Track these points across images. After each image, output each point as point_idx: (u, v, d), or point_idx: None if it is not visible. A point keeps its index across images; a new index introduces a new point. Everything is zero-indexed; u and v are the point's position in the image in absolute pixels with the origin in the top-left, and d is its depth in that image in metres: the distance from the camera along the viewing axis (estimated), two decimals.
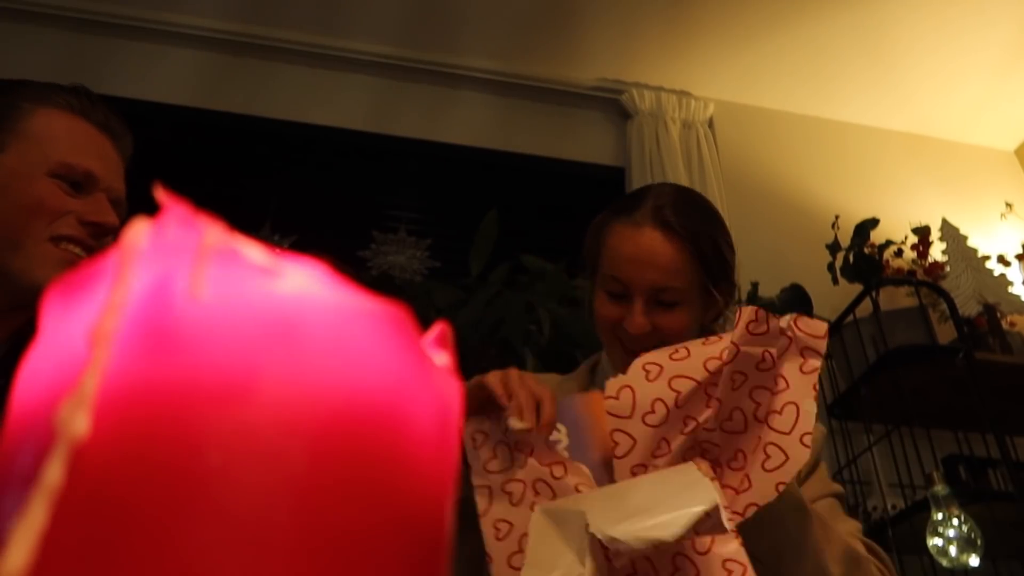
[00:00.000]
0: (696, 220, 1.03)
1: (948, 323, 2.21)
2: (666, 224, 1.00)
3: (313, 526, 0.18)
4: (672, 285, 0.99)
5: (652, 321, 1.00)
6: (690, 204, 1.06)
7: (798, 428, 0.79)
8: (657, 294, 1.00)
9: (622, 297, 1.02)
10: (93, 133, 0.98)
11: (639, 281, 1.00)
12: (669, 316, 1.01)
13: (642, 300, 1.00)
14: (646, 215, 1.02)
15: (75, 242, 0.93)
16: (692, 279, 1.01)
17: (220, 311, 0.20)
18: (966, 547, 1.75)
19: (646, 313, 1.00)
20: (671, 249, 0.99)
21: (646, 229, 1.01)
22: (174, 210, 0.20)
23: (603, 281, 1.04)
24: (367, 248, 2.51)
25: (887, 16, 2.67)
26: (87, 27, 2.63)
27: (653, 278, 0.99)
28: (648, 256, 1.00)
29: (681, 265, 1.00)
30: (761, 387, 0.82)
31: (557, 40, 2.81)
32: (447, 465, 0.23)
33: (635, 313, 1.00)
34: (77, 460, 0.17)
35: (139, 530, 0.17)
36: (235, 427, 0.18)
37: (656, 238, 1.00)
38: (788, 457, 0.77)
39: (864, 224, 2.41)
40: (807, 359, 0.83)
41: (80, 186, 0.95)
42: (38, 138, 0.93)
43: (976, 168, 3.06)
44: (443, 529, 0.22)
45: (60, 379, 0.19)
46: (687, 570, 0.75)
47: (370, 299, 0.22)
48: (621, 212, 1.05)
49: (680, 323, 1.01)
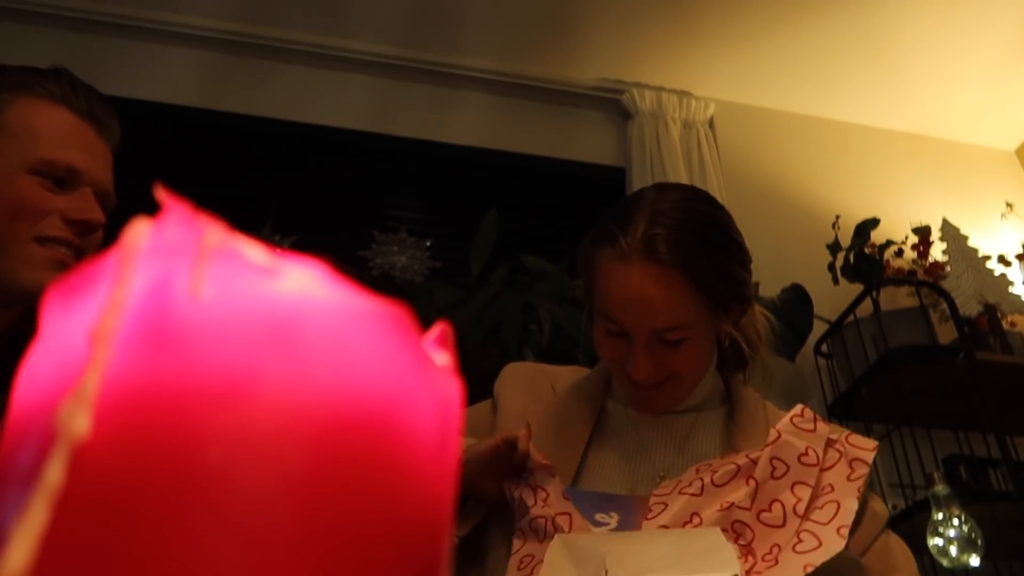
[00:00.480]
0: (694, 245, 0.90)
1: (949, 323, 2.21)
2: (659, 259, 0.88)
3: (313, 527, 0.18)
4: (674, 324, 0.89)
5: (658, 362, 0.92)
6: (690, 223, 0.92)
7: (836, 520, 0.77)
8: (659, 335, 0.90)
9: (621, 336, 0.93)
10: (75, 123, 0.94)
11: (636, 327, 0.90)
12: (676, 354, 0.92)
13: (643, 343, 0.90)
14: (635, 248, 0.89)
15: (61, 243, 0.90)
16: (696, 312, 0.90)
17: (220, 311, 0.20)
18: (967, 547, 1.75)
19: (650, 356, 0.91)
20: (667, 288, 0.88)
21: (636, 268, 0.89)
22: (174, 210, 0.20)
23: (599, 319, 0.95)
24: (368, 248, 2.51)
25: (887, 16, 2.67)
26: (87, 27, 2.63)
27: (651, 322, 0.89)
28: (643, 298, 0.88)
29: (681, 302, 0.89)
30: (803, 483, 0.80)
31: (558, 40, 2.81)
32: (447, 466, 0.23)
33: (638, 359, 0.91)
34: (77, 460, 0.17)
35: (139, 531, 0.17)
36: (235, 427, 0.18)
37: (649, 276, 0.88)
38: (821, 544, 0.75)
39: (865, 224, 2.41)
40: (855, 469, 0.82)
41: (63, 182, 0.91)
42: (17, 133, 0.90)
43: (977, 168, 3.06)
44: (444, 530, 0.22)
45: (60, 379, 0.19)
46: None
47: (371, 299, 0.22)
48: (609, 239, 0.93)
49: (689, 359, 0.93)
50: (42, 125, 0.91)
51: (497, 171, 2.79)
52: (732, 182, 2.75)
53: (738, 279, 0.95)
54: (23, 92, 0.92)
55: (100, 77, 2.48)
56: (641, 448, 0.98)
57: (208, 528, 0.17)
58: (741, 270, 0.96)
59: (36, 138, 0.90)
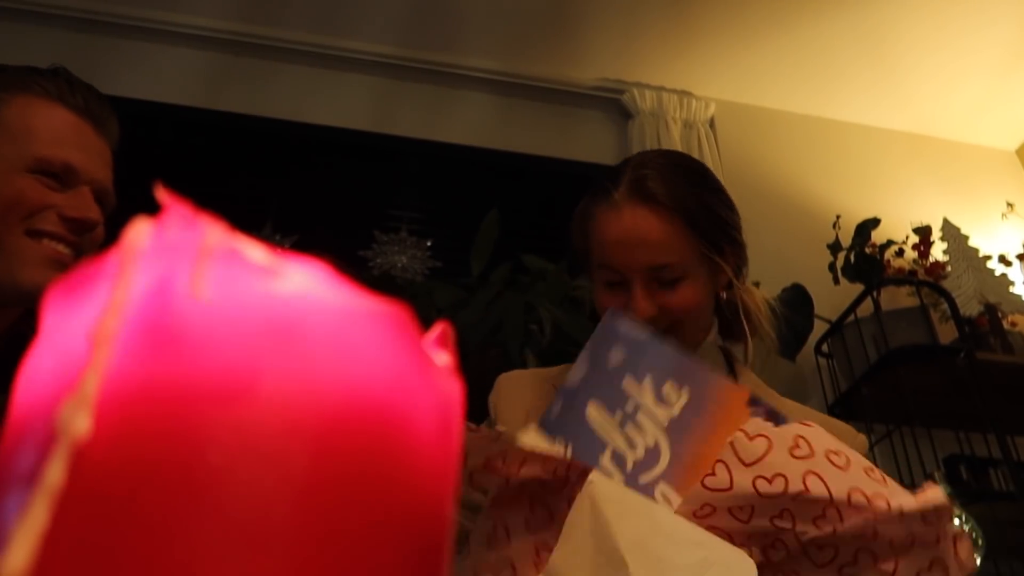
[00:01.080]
0: (681, 185, 0.95)
1: (949, 323, 2.21)
2: (648, 197, 0.93)
3: (314, 526, 0.18)
4: (668, 262, 0.93)
5: (657, 303, 0.94)
6: (673, 168, 0.98)
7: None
8: (655, 273, 0.93)
9: (620, 284, 0.96)
10: (73, 121, 0.94)
11: (632, 264, 0.93)
12: (674, 294, 0.94)
13: (641, 283, 0.94)
14: (624, 192, 0.95)
15: (55, 238, 0.89)
16: (689, 250, 0.94)
17: (221, 311, 0.20)
18: None
19: (649, 296, 0.93)
20: (658, 223, 0.92)
21: (627, 208, 0.94)
22: (175, 210, 0.20)
23: (598, 272, 0.98)
24: (368, 248, 2.51)
25: (888, 16, 2.67)
26: (88, 26, 2.63)
27: (646, 258, 0.93)
28: (635, 236, 0.93)
29: (672, 238, 0.93)
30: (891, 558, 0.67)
31: (558, 40, 2.81)
32: (448, 464, 0.23)
33: (637, 299, 0.93)
34: (78, 460, 0.17)
35: (140, 530, 0.17)
36: (236, 427, 0.18)
37: (639, 215, 0.93)
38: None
39: (865, 224, 2.41)
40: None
41: (61, 180, 0.91)
42: (14, 131, 0.90)
43: (977, 168, 3.06)
44: (444, 528, 0.22)
45: (61, 379, 0.19)
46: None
47: (371, 299, 0.22)
48: (599, 194, 0.98)
49: (688, 299, 0.94)
50: (39, 123, 0.91)
51: (498, 171, 2.79)
52: (733, 182, 2.74)
53: (726, 219, 0.99)
54: (21, 91, 0.92)
55: (100, 77, 2.48)
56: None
57: (209, 527, 0.17)
58: (728, 212, 1.00)
59: (33, 136, 0.90)
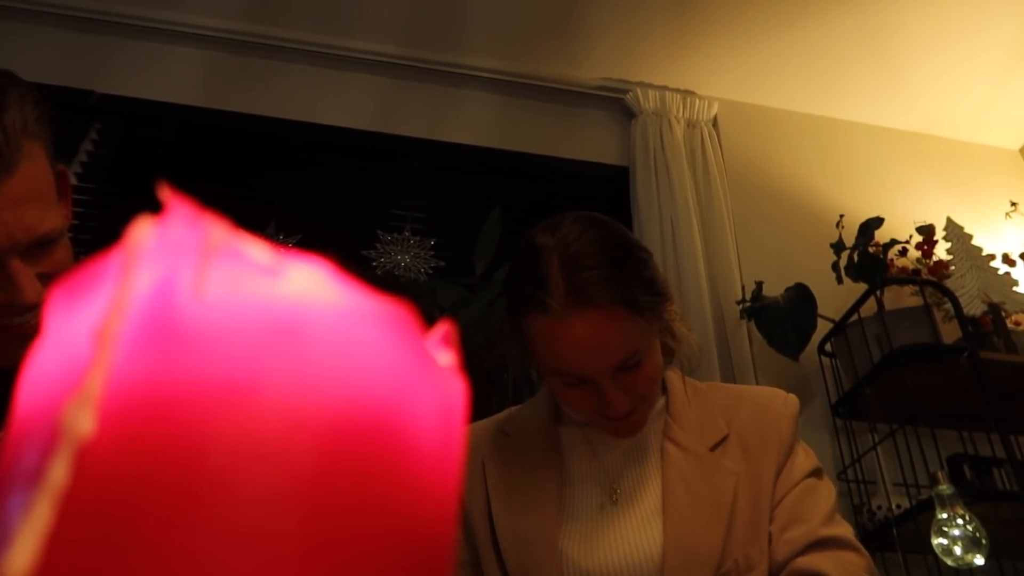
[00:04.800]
0: (616, 274, 0.90)
1: (953, 322, 2.21)
2: (594, 303, 0.88)
3: (317, 526, 0.18)
4: (628, 351, 0.90)
5: (626, 389, 0.93)
6: (600, 256, 0.91)
7: None
8: (619, 366, 0.91)
9: (583, 382, 0.93)
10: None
11: (597, 368, 0.91)
12: (638, 374, 0.93)
13: (610, 383, 0.92)
14: (563, 303, 0.89)
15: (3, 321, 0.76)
16: (639, 331, 0.91)
17: (225, 310, 0.20)
18: (971, 546, 1.74)
19: (620, 389, 0.92)
20: (613, 326, 0.89)
21: (574, 318, 0.88)
22: (178, 209, 0.20)
23: (552, 373, 0.95)
24: (372, 247, 2.51)
25: (892, 16, 2.67)
26: (92, 26, 2.63)
27: (608, 360, 0.90)
28: (592, 344, 0.89)
29: (628, 332, 0.90)
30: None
31: (561, 40, 2.80)
32: (451, 464, 0.23)
33: (610, 396, 0.92)
34: (82, 460, 0.17)
35: (143, 530, 0.17)
36: (239, 427, 0.18)
37: (590, 322, 0.88)
38: None
39: (868, 223, 2.40)
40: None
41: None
42: None
43: (981, 167, 3.06)
44: (448, 528, 0.22)
45: (64, 379, 0.19)
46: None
47: (375, 298, 0.22)
48: (530, 304, 0.91)
49: (651, 371, 0.95)
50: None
51: (501, 170, 2.79)
52: (736, 181, 2.75)
53: (654, 278, 0.96)
54: None
55: (104, 76, 2.50)
56: (596, 461, 1.04)
57: (213, 527, 0.17)
58: (648, 267, 0.97)
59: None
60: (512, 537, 0.97)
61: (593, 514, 0.98)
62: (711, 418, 1.03)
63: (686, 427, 1.01)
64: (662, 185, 2.60)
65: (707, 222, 2.56)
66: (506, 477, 1.03)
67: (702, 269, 2.43)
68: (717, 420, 1.02)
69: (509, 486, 1.02)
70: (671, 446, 1.00)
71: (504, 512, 1.00)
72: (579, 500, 1.00)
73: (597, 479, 1.02)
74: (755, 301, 2.31)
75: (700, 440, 1.00)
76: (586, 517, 0.98)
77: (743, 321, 2.37)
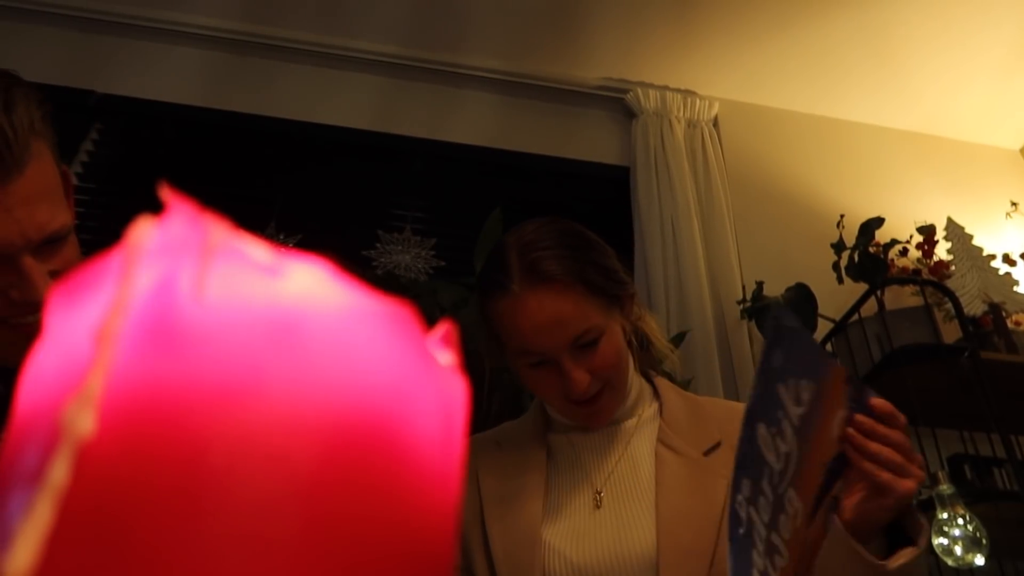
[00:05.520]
0: (568, 254, 0.98)
1: (953, 322, 2.21)
2: (545, 278, 0.95)
3: (318, 526, 0.18)
4: (584, 328, 0.96)
5: (587, 368, 0.97)
6: (555, 240, 1.00)
7: None
8: (577, 343, 0.96)
9: (545, 363, 0.98)
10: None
11: (555, 344, 0.96)
12: (597, 354, 0.98)
13: (569, 358, 0.96)
14: (520, 281, 0.96)
15: (12, 319, 0.76)
16: (596, 310, 0.97)
17: (225, 310, 0.20)
18: (971, 546, 1.74)
19: (579, 366, 0.97)
20: (564, 299, 0.95)
21: (530, 295, 0.95)
22: (179, 209, 0.20)
23: (519, 358, 1.01)
24: (372, 247, 2.51)
25: (893, 16, 2.67)
26: (92, 26, 2.63)
27: (565, 335, 0.95)
28: (549, 319, 0.95)
29: (580, 306, 0.96)
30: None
31: (562, 39, 2.80)
32: (452, 464, 0.23)
33: (571, 373, 0.96)
34: (82, 460, 0.17)
35: (144, 530, 0.17)
36: (240, 427, 0.18)
37: (545, 297, 0.95)
38: None
39: (869, 223, 2.40)
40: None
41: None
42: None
43: (981, 167, 3.06)
44: (448, 528, 0.22)
45: (65, 378, 0.19)
46: None
47: (375, 298, 0.22)
48: (494, 288, 0.99)
49: (610, 353, 0.99)
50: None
51: (501, 170, 2.79)
52: (736, 181, 2.75)
53: (613, 268, 1.02)
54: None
55: (104, 76, 2.50)
56: (582, 468, 1.06)
57: (212, 527, 0.17)
58: (611, 260, 1.03)
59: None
60: (503, 539, 0.99)
61: (586, 514, 1.00)
62: (705, 425, 1.05)
63: (679, 432, 1.04)
64: (663, 185, 2.60)
65: (708, 222, 2.56)
66: (499, 485, 1.06)
67: (703, 269, 2.43)
68: (711, 427, 1.05)
69: (502, 493, 1.04)
70: (664, 450, 1.03)
71: (496, 517, 1.02)
72: (571, 502, 1.02)
73: (590, 481, 1.03)
74: (756, 301, 2.31)
75: (694, 445, 1.02)
76: (579, 517, 1.00)
77: (743, 321, 2.37)
